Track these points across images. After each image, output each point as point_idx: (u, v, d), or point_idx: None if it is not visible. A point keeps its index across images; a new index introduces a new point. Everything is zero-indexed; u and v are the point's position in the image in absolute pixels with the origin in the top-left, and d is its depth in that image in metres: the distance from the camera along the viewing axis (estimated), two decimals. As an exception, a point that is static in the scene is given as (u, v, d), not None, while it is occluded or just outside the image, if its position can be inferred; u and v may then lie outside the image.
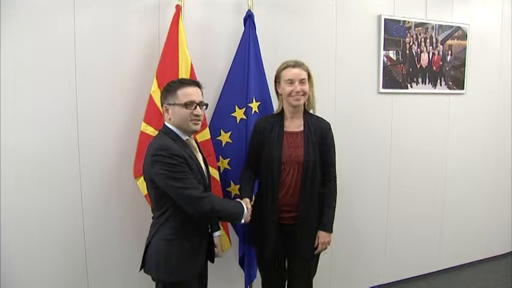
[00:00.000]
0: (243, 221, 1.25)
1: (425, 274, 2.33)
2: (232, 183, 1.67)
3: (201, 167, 1.24)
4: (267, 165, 1.40)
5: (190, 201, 1.14)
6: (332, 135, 1.46)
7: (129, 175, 1.55)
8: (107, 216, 1.59)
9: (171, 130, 1.22)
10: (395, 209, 2.21)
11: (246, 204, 1.31)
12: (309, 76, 1.42)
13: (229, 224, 1.70)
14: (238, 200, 1.33)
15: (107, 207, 1.59)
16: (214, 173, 1.59)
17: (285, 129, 1.43)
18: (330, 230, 1.43)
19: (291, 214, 1.41)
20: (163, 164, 1.13)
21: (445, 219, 2.38)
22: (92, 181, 1.55)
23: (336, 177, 1.46)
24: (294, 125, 1.44)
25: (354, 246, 2.14)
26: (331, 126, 1.46)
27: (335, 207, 1.44)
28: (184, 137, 1.23)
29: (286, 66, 1.41)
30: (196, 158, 1.24)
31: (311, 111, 1.49)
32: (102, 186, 1.57)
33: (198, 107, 1.21)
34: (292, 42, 1.86)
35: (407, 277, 2.28)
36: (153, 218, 1.25)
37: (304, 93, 1.40)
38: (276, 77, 1.45)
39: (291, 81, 1.38)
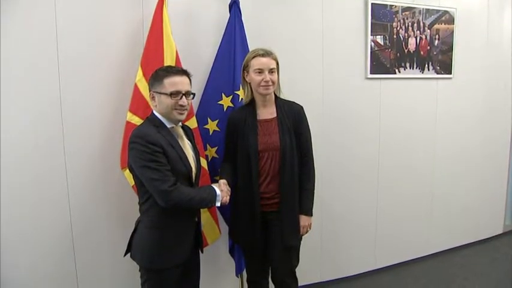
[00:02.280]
0: (218, 204, 1.26)
1: (416, 258, 2.43)
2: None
3: (184, 156, 1.25)
4: (244, 155, 1.43)
5: (157, 194, 1.16)
6: (305, 116, 1.49)
7: (116, 166, 1.59)
8: (94, 208, 1.63)
9: (156, 117, 1.24)
10: (385, 193, 2.29)
11: (219, 186, 1.31)
12: (277, 64, 1.45)
13: (218, 214, 1.75)
14: (209, 185, 1.34)
15: (94, 199, 1.62)
16: (203, 162, 1.61)
17: (258, 117, 1.46)
18: (309, 213, 1.47)
19: (272, 201, 1.45)
20: (138, 151, 1.16)
21: (434, 202, 2.47)
22: (78, 172, 1.58)
23: (313, 158, 1.50)
24: (267, 112, 1.47)
25: (344, 232, 2.21)
26: (320, 112, 1.50)
27: (314, 189, 1.48)
28: (170, 125, 1.25)
29: (255, 55, 1.42)
30: (180, 147, 1.25)
31: (281, 96, 1.52)
32: (88, 177, 1.60)
33: (184, 97, 1.22)
34: (278, 29, 1.91)
35: (397, 262, 2.37)
36: (138, 203, 1.29)
37: (273, 83, 1.42)
38: (244, 65, 1.46)
39: (260, 71, 1.40)
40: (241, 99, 1.68)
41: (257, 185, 1.42)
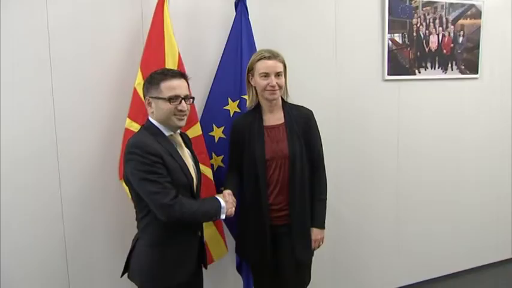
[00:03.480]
0: (223, 216, 1.23)
1: (441, 277, 2.33)
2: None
3: (185, 165, 1.22)
4: (250, 164, 1.40)
5: (158, 208, 1.13)
6: (315, 121, 1.46)
7: (114, 176, 1.54)
8: (90, 221, 1.58)
9: (153, 125, 1.21)
10: (406, 204, 2.20)
11: (224, 196, 1.29)
12: (285, 67, 1.42)
13: (225, 228, 1.70)
14: (212, 196, 1.31)
15: (89, 212, 1.58)
16: (207, 172, 1.58)
17: (264, 123, 1.43)
18: (322, 225, 1.44)
19: (281, 213, 1.41)
20: (136, 163, 1.13)
21: (458, 214, 2.36)
22: (73, 184, 1.54)
23: (324, 166, 1.47)
24: (274, 117, 1.44)
25: (361, 246, 2.13)
26: (333, 117, 1.47)
27: (326, 200, 1.45)
28: (168, 133, 1.22)
29: (260, 57, 1.39)
30: (180, 156, 1.23)
31: (289, 100, 1.49)
32: (83, 189, 1.56)
33: (183, 101, 1.20)
34: (287, 27, 1.85)
35: (420, 280, 2.27)
36: (136, 219, 1.26)
37: (280, 87, 1.40)
38: (249, 68, 1.43)
39: (266, 75, 1.37)
40: (249, 104, 1.64)
41: (265, 196, 1.38)
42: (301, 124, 1.42)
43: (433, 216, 2.31)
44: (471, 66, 2.32)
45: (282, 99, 1.47)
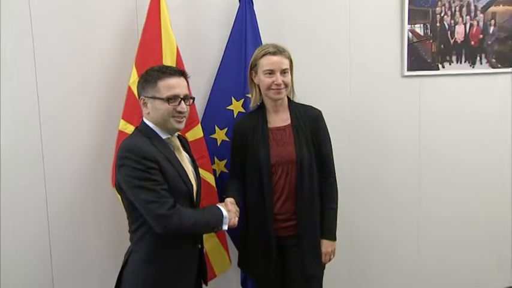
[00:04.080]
0: (226, 227, 1.19)
1: None
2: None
3: (184, 172, 1.18)
4: (254, 170, 1.36)
5: (154, 219, 1.09)
6: (324, 123, 1.43)
7: (106, 184, 1.48)
8: (79, 234, 1.53)
9: (148, 127, 1.17)
10: (428, 214, 2.08)
11: (226, 205, 1.25)
12: (291, 64, 1.38)
13: (229, 240, 1.65)
14: (214, 205, 1.27)
15: (78, 222, 1.53)
16: (209, 178, 1.53)
17: (269, 125, 1.39)
18: (332, 237, 1.41)
19: (288, 223, 1.37)
20: (129, 169, 1.08)
21: (490, 230, 2.19)
22: (60, 194, 1.49)
23: (335, 172, 1.44)
24: (279, 118, 1.40)
25: (378, 260, 2.03)
26: (346, 118, 1.42)
27: (337, 209, 1.42)
28: (165, 136, 1.18)
29: (265, 53, 1.35)
30: (178, 161, 1.18)
31: (296, 99, 1.45)
32: (72, 197, 1.51)
33: (182, 102, 1.15)
34: (296, 20, 1.78)
35: None
36: (129, 231, 1.20)
37: (286, 85, 1.35)
38: (252, 64, 1.39)
39: (271, 72, 1.33)
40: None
41: (270, 204, 1.35)
42: (310, 126, 1.39)
43: (461, 229, 2.16)
44: (503, 59, 2.16)
45: (288, 98, 1.43)
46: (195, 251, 1.23)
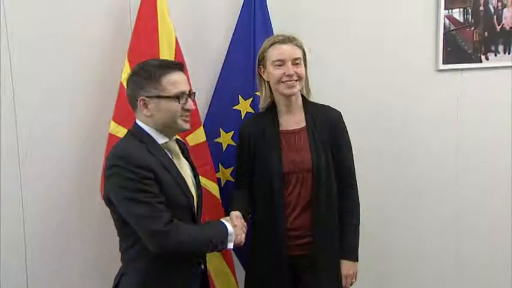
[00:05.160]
0: (231, 246, 1.13)
1: None
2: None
3: (183, 181, 1.12)
4: (264, 179, 1.31)
5: (148, 236, 1.03)
6: (345, 126, 1.37)
7: (94, 195, 1.41)
8: (62, 250, 1.47)
9: (143, 130, 1.10)
10: (469, 229, 1.93)
11: (232, 220, 1.19)
12: (304, 54, 1.32)
13: (235, 259, 1.58)
14: (217, 220, 1.20)
15: (59, 240, 1.46)
16: (213, 188, 1.48)
17: (280, 128, 1.33)
18: (354, 257, 1.34)
19: (302, 241, 1.31)
20: (120, 178, 1.02)
21: None
22: (37, 206, 1.42)
23: (356, 182, 1.38)
24: (293, 121, 1.34)
25: (410, 284, 1.90)
26: (372, 119, 1.43)
27: (358, 225, 1.36)
28: (163, 140, 1.11)
29: (273, 42, 1.29)
30: (177, 169, 1.11)
31: (312, 99, 1.39)
32: (52, 211, 1.44)
33: (189, 98, 1.12)
34: (314, 6, 1.68)
35: None
36: (120, 250, 1.14)
37: (300, 78, 1.29)
38: (259, 58, 1.33)
39: (281, 62, 1.27)
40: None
41: (282, 219, 1.29)
42: (327, 128, 1.34)
43: (504, 248, 1.97)
44: (560, 49, 1.99)
45: (303, 97, 1.36)
46: (197, 273, 1.16)
